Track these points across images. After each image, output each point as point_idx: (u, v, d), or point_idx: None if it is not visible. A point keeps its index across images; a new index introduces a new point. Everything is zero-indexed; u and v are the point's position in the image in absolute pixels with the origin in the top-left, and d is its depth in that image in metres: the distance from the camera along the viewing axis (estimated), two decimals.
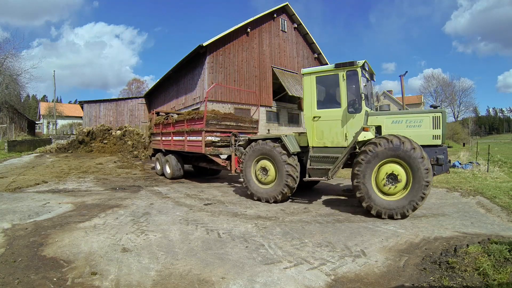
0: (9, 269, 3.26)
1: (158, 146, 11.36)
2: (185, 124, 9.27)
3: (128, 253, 3.74)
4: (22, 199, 6.69)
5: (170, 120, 10.50)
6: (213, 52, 16.76)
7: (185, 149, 9.27)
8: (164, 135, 10.81)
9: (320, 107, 6.10)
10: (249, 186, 6.81)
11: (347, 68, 5.72)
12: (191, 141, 8.97)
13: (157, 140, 11.54)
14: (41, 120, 47.91)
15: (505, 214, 5.37)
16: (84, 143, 18.15)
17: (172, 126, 10.17)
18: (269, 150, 6.44)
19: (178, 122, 9.86)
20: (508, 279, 2.91)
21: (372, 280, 3.06)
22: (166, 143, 10.64)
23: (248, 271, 3.26)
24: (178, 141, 9.74)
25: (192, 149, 9.01)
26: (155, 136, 11.76)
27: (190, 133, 8.97)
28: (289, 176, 6.19)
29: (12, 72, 27.64)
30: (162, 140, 10.89)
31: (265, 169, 6.61)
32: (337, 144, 5.84)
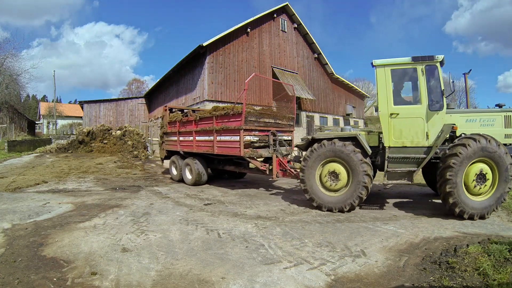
0: (9, 269, 3.26)
1: (173, 148, 9.97)
2: (213, 122, 7.91)
3: (128, 253, 3.74)
4: (22, 199, 6.69)
5: (192, 117, 9.07)
6: (213, 52, 16.76)
7: (214, 151, 7.95)
8: (182, 135, 9.43)
9: (397, 104, 5.61)
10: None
11: (426, 62, 5.39)
12: (223, 142, 7.71)
13: (172, 140, 10.09)
14: (41, 120, 47.92)
15: (505, 214, 5.37)
16: (84, 143, 18.15)
17: (194, 124, 8.75)
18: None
19: (203, 119, 8.41)
20: (508, 279, 2.91)
21: (372, 280, 3.07)
22: (185, 144, 9.29)
23: (248, 271, 3.26)
24: (204, 141, 8.43)
25: (224, 151, 7.78)
26: (170, 136, 10.26)
27: (221, 132, 7.67)
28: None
29: (12, 72, 27.66)
30: (180, 140, 9.50)
31: (334, 174, 5.68)
32: (417, 144, 5.42)
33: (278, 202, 6.72)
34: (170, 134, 10.22)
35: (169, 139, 10.34)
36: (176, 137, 9.70)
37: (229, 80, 17.51)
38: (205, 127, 8.28)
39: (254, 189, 8.51)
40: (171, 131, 10.07)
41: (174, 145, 9.88)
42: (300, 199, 6.99)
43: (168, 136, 10.38)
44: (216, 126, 7.82)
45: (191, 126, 8.93)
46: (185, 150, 9.33)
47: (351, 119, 29.21)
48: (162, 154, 11.13)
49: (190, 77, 18.89)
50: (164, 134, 10.60)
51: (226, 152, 7.74)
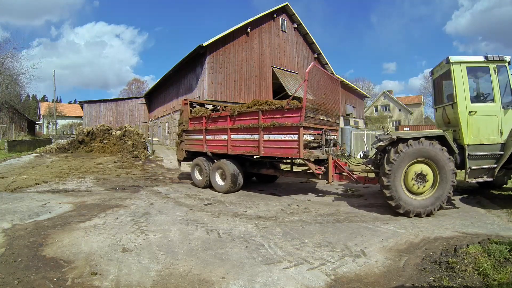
0: (9, 269, 3.26)
1: (196, 148, 8.78)
2: (259, 117, 6.79)
3: (128, 253, 3.74)
4: (22, 199, 6.68)
5: (226, 111, 7.85)
6: (213, 52, 16.76)
7: (260, 153, 6.83)
8: (211, 133, 8.21)
9: (473, 101, 5.71)
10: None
11: (497, 62, 5.64)
12: (273, 141, 6.62)
13: (195, 139, 8.87)
14: (41, 120, 47.93)
15: (505, 214, 5.37)
16: (84, 143, 18.14)
17: (230, 121, 7.56)
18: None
19: (244, 114, 7.23)
20: (508, 279, 2.91)
21: (372, 280, 3.06)
22: (215, 144, 8.13)
23: (248, 271, 3.26)
24: (243, 141, 7.28)
25: (275, 152, 6.70)
26: (191, 134, 9.00)
27: (271, 129, 6.61)
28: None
29: (12, 72, 27.66)
30: (207, 139, 8.28)
31: (422, 175, 5.33)
32: (493, 141, 5.60)
33: (278, 202, 6.72)
34: (192, 132, 8.95)
35: (190, 138, 9.05)
36: (201, 136, 8.46)
37: (229, 80, 17.51)
38: (246, 123, 7.11)
39: (254, 189, 8.50)
40: (193, 128, 8.82)
41: (198, 145, 8.66)
42: (300, 199, 6.99)
43: (190, 135, 9.07)
44: (264, 122, 6.71)
45: (224, 123, 7.74)
46: (214, 151, 8.15)
47: (351, 119, 29.21)
48: (180, 155, 9.64)
49: (190, 77, 18.89)
50: (184, 132, 9.23)
51: (278, 153, 6.66)
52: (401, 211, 5.27)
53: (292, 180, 10.02)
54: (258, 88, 18.89)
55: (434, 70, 6.87)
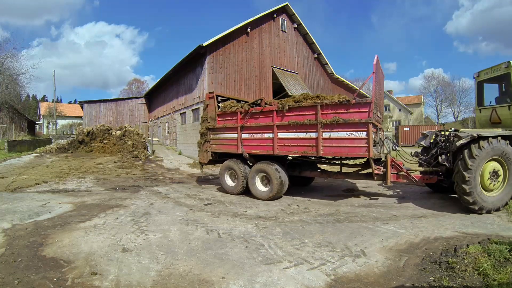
0: (9, 269, 3.26)
1: (228, 149, 7.73)
2: (318, 113, 6.04)
3: (128, 253, 3.74)
4: (22, 199, 6.69)
5: (271, 106, 6.82)
6: (213, 52, 16.75)
7: (319, 152, 6.08)
8: (249, 131, 7.22)
9: None
10: (478, 198, 5.29)
11: None
12: (336, 140, 5.91)
13: (225, 139, 7.78)
14: (41, 120, 47.93)
15: (505, 214, 5.37)
16: (84, 143, 18.14)
17: (277, 116, 6.65)
18: (506, 149, 5.47)
19: (296, 109, 6.42)
20: (508, 279, 2.91)
21: (372, 280, 3.07)
22: (256, 143, 7.13)
23: (248, 271, 3.26)
24: (295, 139, 6.45)
25: (338, 152, 6.09)
26: (220, 132, 7.91)
27: (334, 126, 5.89)
28: None
29: (12, 72, 27.67)
30: (244, 138, 7.32)
31: (495, 173, 5.53)
32: None
33: (278, 202, 6.72)
34: (221, 130, 7.85)
35: (218, 137, 7.96)
36: (235, 134, 7.44)
37: (229, 80, 17.50)
38: (300, 119, 6.30)
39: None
40: (223, 126, 7.75)
41: (230, 145, 7.63)
42: (301, 199, 6.99)
43: (217, 133, 7.97)
44: (323, 118, 6.00)
45: (268, 119, 6.83)
46: (253, 152, 7.19)
47: None
48: (204, 157, 8.34)
49: (190, 77, 18.88)
50: (209, 130, 8.11)
51: (341, 153, 6.09)
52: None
53: None
54: (258, 88, 18.89)
55: (481, 72, 7.04)
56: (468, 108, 54.72)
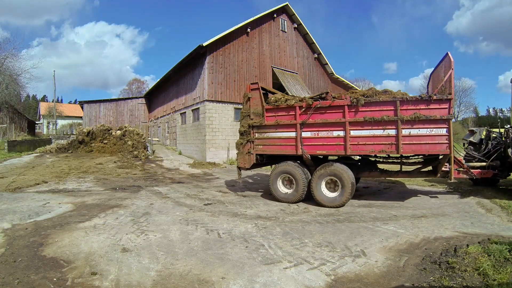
0: (9, 269, 3.26)
1: (282, 150, 6.77)
2: (397, 108, 5.66)
3: (128, 253, 3.74)
4: (22, 199, 6.69)
5: (342, 100, 6.10)
6: (213, 52, 16.76)
7: (399, 150, 5.72)
8: (312, 128, 6.39)
9: None
10: None
11: None
12: (416, 137, 5.68)
13: (278, 138, 6.79)
14: (41, 120, 47.94)
15: (505, 214, 5.37)
16: (84, 143, 18.14)
17: (350, 112, 6.01)
18: None
19: (372, 104, 5.86)
20: (508, 279, 2.91)
21: (372, 280, 3.06)
22: (321, 143, 6.34)
23: (248, 271, 3.26)
24: (371, 137, 5.90)
25: (419, 149, 5.83)
26: (269, 131, 6.88)
27: (414, 123, 5.62)
28: None
29: (12, 72, 27.65)
30: (305, 137, 6.45)
31: None
32: None
33: (278, 202, 6.72)
34: (271, 128, 6.83)
35: (267, 137, 6.92)
36: (292, 133, 6.57)
37: (229, 80, 17.51)
38: (377, 115, 5.83)
39: (254, 189, 8.51)
40: (275, 123, 6.75)
41: (285, 146, 6.72)
42: None
43: (266, 131, 6.93)
44: (403, 114, 5.64)
45: (338, 115, 6.14)
46: (318, 152, 6.43)
47: None
48: (245, 161, 7.19)
49: (190, 77, 18.89)
50: (253, 128, 7.03)
51: (423, 150, 5.80)
52: None
53: None
54: None
55: None
56: (468, 108, 54.79)
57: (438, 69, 7.02)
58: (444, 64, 6.34)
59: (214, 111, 16.75)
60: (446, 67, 6.05)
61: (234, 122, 17.59)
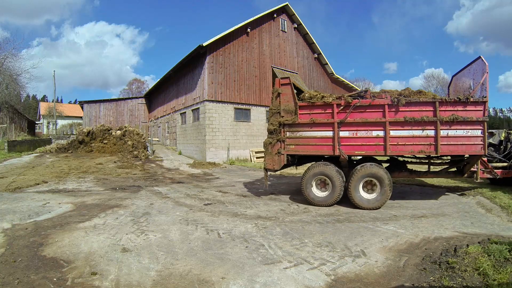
0: (9, 269, 3.26)
1: (317, 150, 6.41)
2: (436, 109, 5.71)
3: (128, 253, 3.74)
4: (22, 199, 6.68)
5: (385, 98, 5.98)
6: (213, 52, 16.76)
7: (438, 151, 5.74)
8: (350, 127, 6.14)
9: None
10: None
11: None
12: (453, 138, 5.72)
13: (312, 137, 6.39)
14: (41, 120, 47.94)
15: (505, 214, 5.37)
16: (84, 143, 18.14)
17: (389, 111, 5.88)
18: None
19: (412, 104, 5.82)
20: (508, 279, 2.91)
21: (372, 280, 3.06)
22: (360, 143, 6.11)
23: (248, 271, 3.26)
24: (411, 137, 5.82)
25: (456, 150, 5.82)
26: (303, 129, 6.46)
27: (452, 124, 5.70)
28: None
29: (12, 72, 27.62)
30: (342, 137, 6.15)
31: None
32: None
33: (278, 202, 6.72)
34: (305, 127, 6.43)
35: (301, 136, 6.50)
36: (329, 132, 6.24)
37: (229, 80, 17.51)
38: (417, 116, 5.80)
39: (254, 189, 8.51)
40: (310, 121, 6.36)
41: (321, 145, 6.34)
42: (300, 199, 6.99)
43: (299, 130, 6.51)
44: (442, 115, 5.69)
45: (377, 114, 5.99)
46: (357, 153, 6.25)
47: None
48: (274, 162, 6.66)
49: (190, 77, 18.89)
50: (284, 126, 6.57)
51: (459, 151, 5.83)
52: None
53: (292, 180, 10.02)
54: (258, 88, 18.90)
55: None
56: None
57: (465, 72, 7.15)
58: (475, 68, 6.43)
59: (214, 111, 16.75)
60: (478, 70, 6.17)
61: (234, 122, 17.59)
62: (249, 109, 18.42)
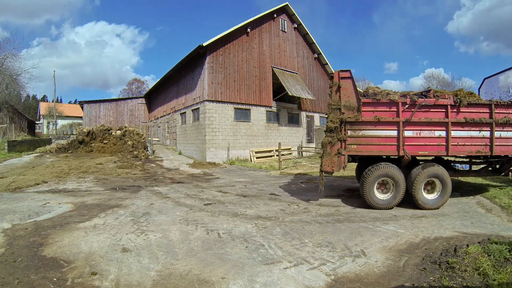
0: (9, 269, 3.26)
1: (382, 150, 6.13)
2: (492, 111, 5.98)
3: (128, 253, 3.74)
4: (22, 199, 6.68)
5: (448, 99, 6.03)
6: (213, 52, 16.75)
7: (493, 151, 6.04)
8: (414, 127, 6.02)
9: None
10: None
11: None
12: (505, 139, 6.06)
13: (378, 137, 6.09)
14: (41, 120, 47.93)
15: (505, 214, 5.37)
16: (84, 143, 18.14)
17: (452, 112, 5.95)
18: None
19: (472, 105, 5.99)
20: (508, 279, 2.91)
21: (372, 280, 3.06)
22: (422, 143, 6.03)
23: (248, 271, 3.26)
24: (469, 138, 6.02)
25: (507, 151, 6.19)
26: (366, 128, 6.11)
27: (504, 125, 6.02)
28: None
29: (12, 72, 27.63)
30: (407, 136, 6.01)
31: None
32: None
33: (278, 202, 6.72)
34: (369, 125, 6.09)
35: (364, 135, 6.13)
36: (392, 131, 6.04)
37: (229, 80, 17.51)
38: (475, 117, 5.99)
39: (254, 189, 8.51)
40: (375, 119, 6.03)
41: (385, 145, 6.08)
42: (300, 199, 6.99)
43: (361, 129, 6.13)
44: (497, 117, 5.98)
45: (440, 114, 5.98)
46: (420, 153, 6.10)
47: None
48: (333, 163, 6.16)
49: (190, 77, 18.89)
50: (347, 124, 6.13)
51: (509, 151, 6.21)
52: None
53: (292, 180, 10.03)
54: (258, 88, 18.89)
55: None
56: None
57: (500, 76, 7.54)
58: None
59: (214, 111, 16.75)
60: None
61: (234, 122, 17.59)
62: (249, 109, 18.41)
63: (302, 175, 11.35)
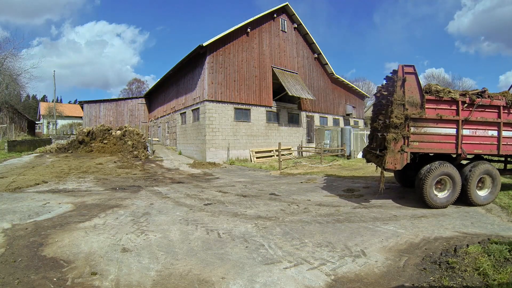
0: (9, 269, 3.26)
1: (442, 148, 6.16)
2: None
3: (128, 253, 3.74)
4: (22, 199, 6.68)
5: (501, 100, 6.19)
6: (213, 52, 16.76)
7: None
8: (471, 126, 6.14)
9: None
10: None
11: None
12: None
13: (438, 134, 6.07)
14: (41, 120, 47.92)
15: (505, 214, 5.37)
16: (84, 143, 18.14)
17: (503, 112, 6.17)
18: None
19: None
20: (508, 279, 2.91)
21: (372, 280, 3.06)
22: (478, 142, 6.23)
23: (248, 271, 3.26)
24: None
25: None
26: (428, 125, 6.06)
27: None
28: None
29: (12, 72, 27.63)
30: (465, 135, 6.11)
31: None
32: None
33: (278, 202, 6.72)
34: (431, 123, 6.05)
35: (425, 132, 6.05)
36: (451, 129, 6.06)
37: (229, 80, 17.51)
38: None
39: (254, 189, 8.51)
40: (437, 116, 5.99)
41: (444, 143, 6.11)
42: (300, 199, 6.99)
43: (424, 126, 6.05)
44: None
45: (493, 114, 6.21)
46: (475, 152, 6.31)
47: (351, 119, 29.21)
48: (395, 161, 5.99)
49: (190, 77, 18.89)
50: (411, 121, 6.00)
51: None
52: None
53: (291, 180, 10.03)
54: (258, 88, 18.90)
55: None
56: None
57: None
58: None
59: (214, 111, 16.75)
60: None
61: (234, 122, 17.59)
62: (249, 109, 18.41)
63: (302, 175, 11.36)
